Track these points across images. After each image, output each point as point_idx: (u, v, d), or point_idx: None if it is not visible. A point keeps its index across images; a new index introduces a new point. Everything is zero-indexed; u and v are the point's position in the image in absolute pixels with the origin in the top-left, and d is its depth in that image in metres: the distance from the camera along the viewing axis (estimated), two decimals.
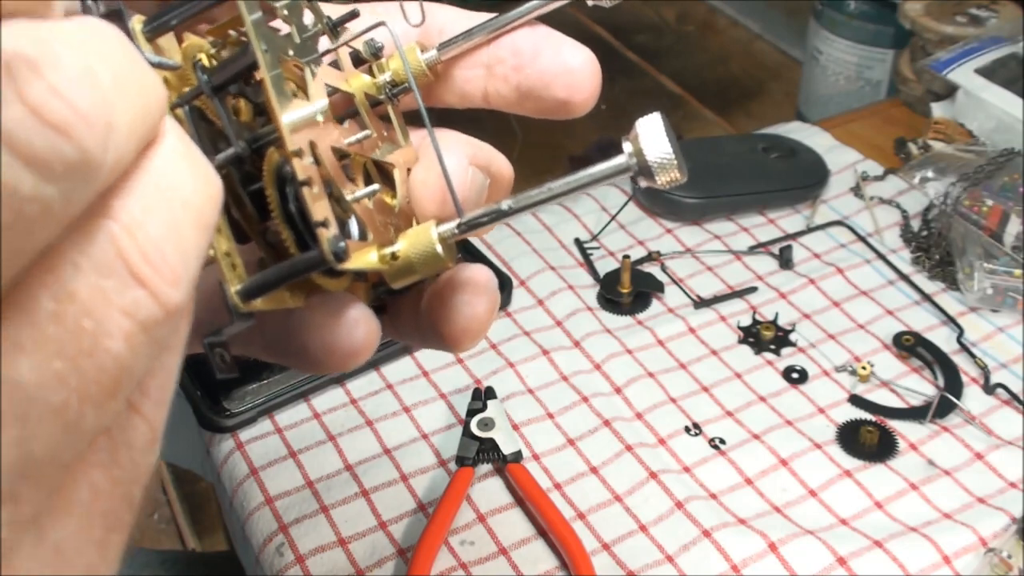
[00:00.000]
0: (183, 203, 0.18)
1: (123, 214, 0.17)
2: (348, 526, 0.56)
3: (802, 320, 0.68)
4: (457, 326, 0.27)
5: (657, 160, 0.24)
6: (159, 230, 0.17)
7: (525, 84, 0.27)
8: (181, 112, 0.24)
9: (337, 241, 0.22)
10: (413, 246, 0.25)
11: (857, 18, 0.92)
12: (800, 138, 0.82)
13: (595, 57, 0.27)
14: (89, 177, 0.16)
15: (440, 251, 0.25)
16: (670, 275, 0.72)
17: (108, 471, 0.18)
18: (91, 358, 0.16)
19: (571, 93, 0.27)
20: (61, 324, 0.16)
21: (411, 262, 0.25)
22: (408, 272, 0.25)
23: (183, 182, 0.18)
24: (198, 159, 0.19)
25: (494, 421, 0.60)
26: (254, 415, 0.62)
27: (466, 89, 0.29)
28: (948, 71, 0.81)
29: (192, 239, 0.18)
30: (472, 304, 0.27)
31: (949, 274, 0.70)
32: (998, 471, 0.58)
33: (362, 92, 0.28)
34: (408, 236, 0.25)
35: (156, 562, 0.77)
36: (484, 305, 0.27)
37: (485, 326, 0.27)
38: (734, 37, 1.39)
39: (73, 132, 0.15)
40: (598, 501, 0.57)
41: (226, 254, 0.23)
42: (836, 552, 0.53)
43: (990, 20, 0.86)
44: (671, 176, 0.24)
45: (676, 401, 0.63)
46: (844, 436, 0.61)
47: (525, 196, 0.25)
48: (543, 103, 0.28)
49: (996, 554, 0.53)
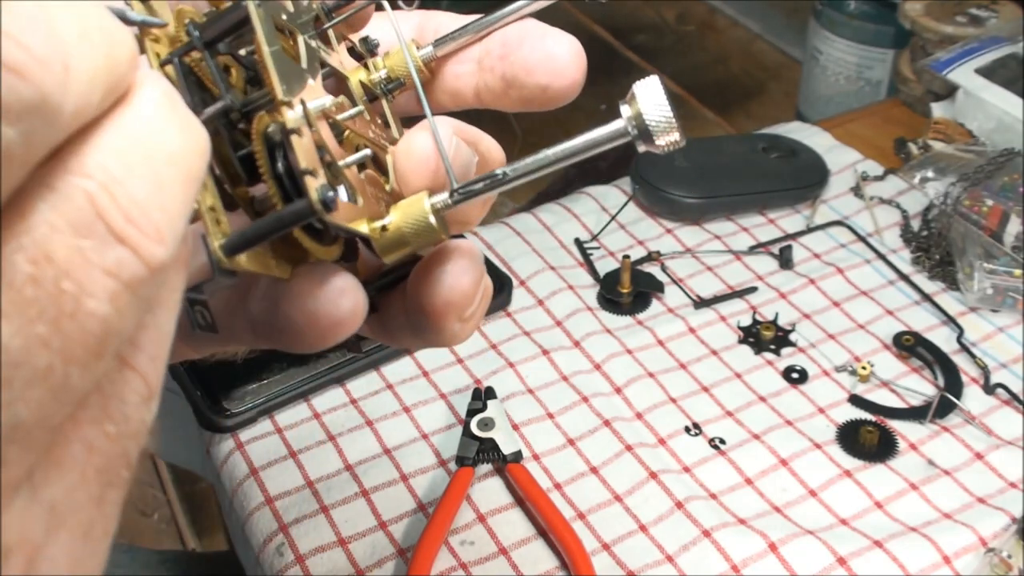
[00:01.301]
0: (167, 156, 0.18)
1: (99, 171, 0.17)
2: (348, 526, 0.56)
3: (802, 320, 0.68)
4: (440, 299, 0.26)
5: (656, 122, 0.23)
6: (140, 186, 0.17)
7: (510, 72, 0.27)
8: (171, 69, 0.24)
9: (325, 190, 0.22)
10: (405, 217, 0.25)
11: (857, 18, 0.92)
12: (800, 138, 0.82)
13: (580, 45, 0.27)
14: (49, 118, 0.16)
15: (433, 222, 0.24)
16: (670, 275, 0.72)
17: (101, 427, 0.18)
18: (74, 320, 0.16)
19: (553, 79, 0.27)
20: (40, 287, 0.16)
21: (403, 233, 0.25)
22: (400, 244, 0.25)
23: (166, 134, 0.18)
24: (182, 111, 0.19)
25: (494, 421, 0.60)
26: (254, 415, 0.62)
27: (458, 87, 0.29)
28: (948, 71, 0.81)
29: (177, 193, 0.18)
30: (453, 273, 0.26)
31: (949, 274, 0.70)
32: (998, 471, 0.58)
33: (356, 78, 0.28)
34: (400, 208, 0.25)
35: (156, 562, 0.77)
36: (467, 274, 0.26)
37: (469, 298, 0.26)
38: (734, 37, 1.39)
39: (27, 72, 0.15)
40: (598, 501, 0.57)
41: (211, 208, 0.23)
42: (836, 552, 0.53)
43: (990, 20, 0.86)
44: (671, 139, 0.24)
45: (676, 401, 0.63)
46: (844, 436, 0.61)
47: (522, 163, 0.24)
48: (527, 91, 0.28)
49: (996, 554, 0.53)
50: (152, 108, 0.18)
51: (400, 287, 0.27)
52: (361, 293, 0.24)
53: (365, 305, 0.24)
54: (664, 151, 0.24)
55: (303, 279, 0.24)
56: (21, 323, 0.16)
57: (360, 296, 0.24)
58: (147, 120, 0.18)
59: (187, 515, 1.39)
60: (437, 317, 0.26)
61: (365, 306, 0.24)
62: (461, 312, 0.26)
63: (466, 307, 0.26)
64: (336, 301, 0.24)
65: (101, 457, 0.18)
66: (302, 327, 0.24)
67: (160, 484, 1.47)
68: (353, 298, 0.24)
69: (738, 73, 1.28)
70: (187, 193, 0.18)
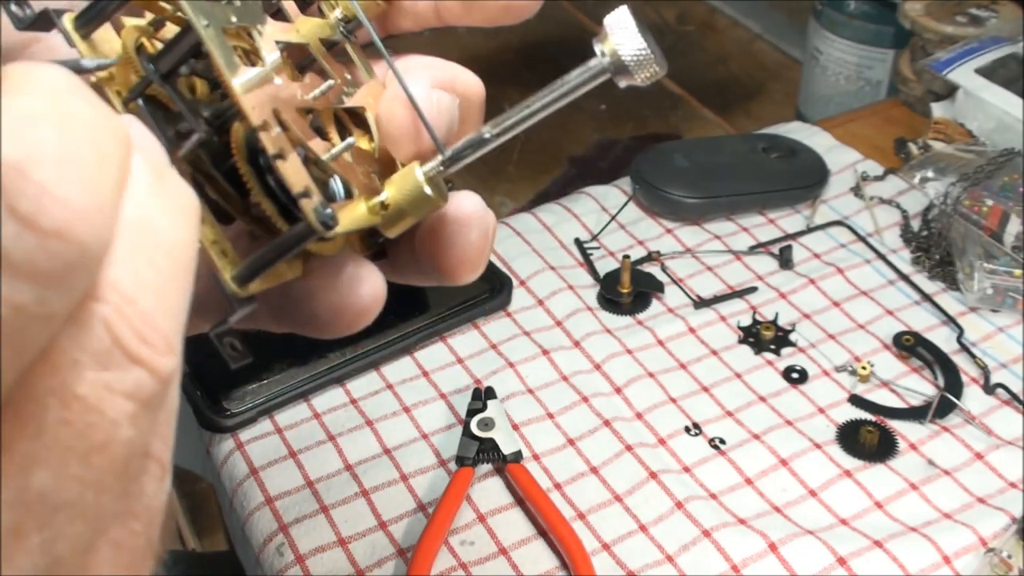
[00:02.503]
0: (165, 251, 0.17)
1: (111, 292, 0.16)
2: (348, 526, 0.56)
3: (802, 320, 0.68)
4: (453, 259, 0.27)
5: (632, 56, 0.23)
6: (147, 299, 0.16)
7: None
8: (135, 106, 0.23)
9: (323, 209, 0.22)
10: (401, 191, 0.25)
11: (857, 18, 0.92)
12: (800, 138, 0.82)
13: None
14: (90, 268, 0.15)
15: (429, 192, 0.24)
16: (670, 275, 0.72)
17: (127, 526, 0.18)
18: (103, 452, 0.16)
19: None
20: (71, 427, 0.15)
21: (401, 208, 0.25)
22: (400, 218, 0.25)
23: (161, 222, 0.17)
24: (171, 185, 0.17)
25: (494, 421, 0.60)
26: (254, 415, 0.62)
27: (417, 10, 0.28)
28: (948, 71, 0.81)
29: (178, 290, 0.17)
30: (463, 234, 0.26)
31: (949, 274, 0.70)
32: (998, 471, 0.58)
33: (315, 38, 0.27)
34: (394, 182, 0.25)
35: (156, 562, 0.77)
36: (476, 233, 0.27)
37: (482, 254, 0.27)
38: (734, 37, 1.38)
39: (72, 232, 0.14)
40: (598, 501, 0.57)
41: (214, 242, 0.22)
42: (836, 552, 0.53)
43: (990, 20, 0.86)
44: (650, 71, 0.23)
45: (676, 401, 0.63)
46: (844, 436, 0.61)
47: (503, 118, 0.24)
48: (488, 11, 0.27)
49: (996, 554, 0.53)
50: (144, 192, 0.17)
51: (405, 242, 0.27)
52: (378, 276, 0.24)
53: (383, 285, 0.25)
54: (645, 83, 0.23)
55: (319, 276, 0.24)
56: (56, 466, 0.15)
57: (377, 279, 0.24)
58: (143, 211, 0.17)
59: (187, 515, 1.39)
60: (451, 273, 0.27)
61: (383, 286, 0.25)
62: (475, 267, 0.27)
63: (480, 262, 0.27)
64: (357, 291, 0.24)
65: (128, 554, 0.18)
66: (329, 320, 0.24)
67: None
68: (371, 283, 0.24)
69: (738, 73, 1.28)
70: (185, 285, 0.17)
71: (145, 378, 0.16)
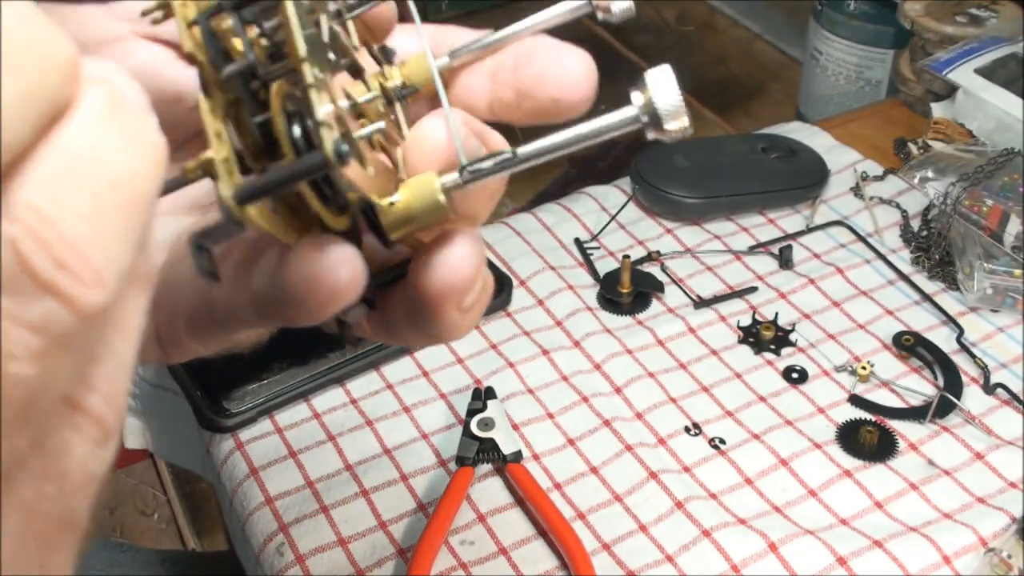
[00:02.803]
0: (109, 181, 0.16)
1: (25, 211, 0.15)
2: (348, 526, 0.56)
3: (802, 320, 0.68)
4: (439, 283, 0.25)
5: (667, 110, 0.24)
6: (76, 225, 0.15)
7: (523, 85, 0.27)
8: (197, 31, 0.23)
9: (340, 143, 0.21)
10: (414, 193, 0.25)
11: (857, 18, 0.92)
12: (800, 138, 0.82)
13: (591, 60, 0.27)
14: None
15: (442, 199, 0.25)
16: (670, 275, 0.72)
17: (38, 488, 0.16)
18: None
19: (564, 92, 0.27)
20: None
21: (411, 209, 0.25)
22: (407, 220, 0.25)
23: (108, 153, 0.16)
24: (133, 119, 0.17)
25: (494, 421, 0.60)
26: (254, 415, 0.62)
27: (471, 99, 0.29)
28: (948, 71, 0.81)
29: (121, 222, 0.16)
30: (453, 257, 0.25)
31: (949, 274, 0.70)
32: (998, 471, 0.58)
33: (376, 80, 0.28)
34: (409, 185, 0.25)
35: (156, 562, 0.77)
36: (468, 260, 0.25)
37: (468, 283, 0.26)
38: (734, 37, 1.38)
39: None
40: (598, 501, 0.57)
41: (225, 160, 0.22)
42: (836, 552, 0.53)
43: (990, 20, 0.86)
44: (681, 124, 0.24)
45: (676, 401, 0.63)
46: (844, 436, 0.61)
47: (532, 146, 0.24)
48: (538, 103, 0.27)
49: (996, 554, 0.53)
50: (92, 122, 0.16)
51: (400, 284, 0.27)
52: (360, 263, 0.24)
53: (363, 273, 0.24)
54: (672, 138, 0.24)
55: (305, 246, 0.24)
56: None
57: (359, 266, 0.24)
58: (85, 139, 0.16)
59: (187, 515, 1.39)
60: (436, 303, 0.26)
61: (363, 273, 0.24)
62: (460, 299, 0.26)
63: (465, 293, 0.26)
64: (335, 268, 0.23)
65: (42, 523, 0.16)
66: (302, 294, 0.24)
67: (160, 484, 1.47)
68: (352, 266, 0.24)
69: (738, 73, 1.28)
70: (135, 223, 0.16)
71: (58, 311, 0.15)
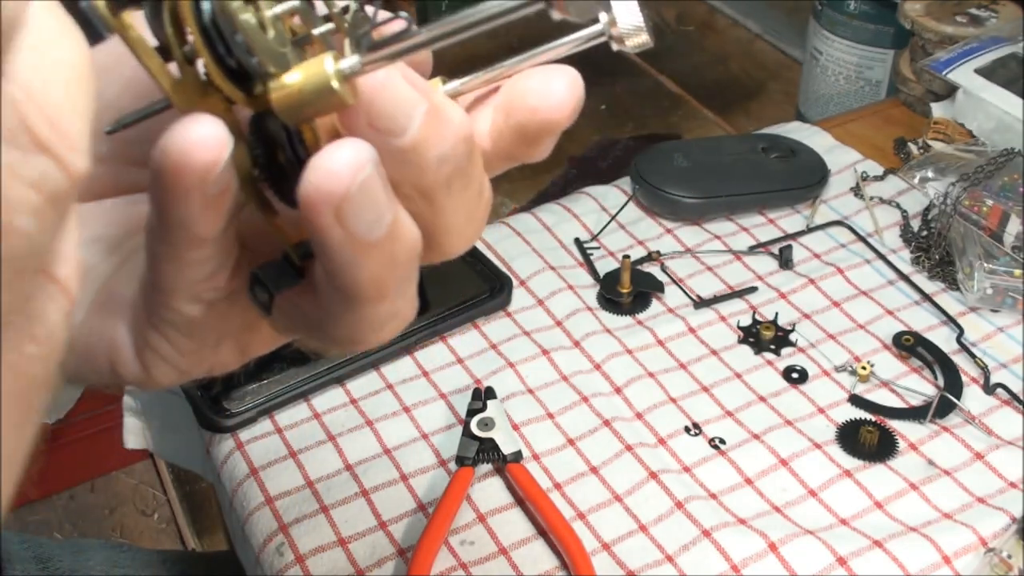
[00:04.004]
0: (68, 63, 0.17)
1: (20, 76, 0.16)
2: (348, 526, 0.56)
3: (802, 320, 0.68)
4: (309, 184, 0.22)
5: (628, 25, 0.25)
6: (57, 94, 0.16)
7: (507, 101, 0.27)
8: None
9: None
10: (308, 72, 0.23)
11: (857, 18, 0.92)
12: (800, 138, 0.82)
13: (578, 77, 0.27)
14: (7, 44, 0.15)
15: (335, 84, 0.23)
16: (670, 275, 0.72)
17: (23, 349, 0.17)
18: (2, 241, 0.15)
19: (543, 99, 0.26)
20: None
21: (304, 89, 0.23)
22: (300, 103, 0.23)
23: (61, 40, 0.17)
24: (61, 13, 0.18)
25: (494, 421, 0.60)
26: (254, 415, 0.62)
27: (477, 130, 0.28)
28: (948, 71, 0.81)
29: (83, 100, 0.17)
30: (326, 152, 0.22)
31: (949, 274, 0.70)
32: (998, 471, 0.58)
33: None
34: (303, 66, 0.24)
35: (156, 562, 0.77)
36: (345, 153, 0.22)
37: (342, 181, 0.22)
38: (734, 37, 1.38)
39: None
40: (598, 501, 0.57)
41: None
42: (836, 552, 0.53)
43: (990, 20, 0.86)
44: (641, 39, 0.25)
45: (676, 401, 0.63)
46: (844, 436, 0.61)
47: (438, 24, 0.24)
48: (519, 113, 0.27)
49: (996, 554, 0.53)
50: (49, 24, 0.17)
51: None
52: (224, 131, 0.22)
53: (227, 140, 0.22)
54: (634, 50, 0.25)
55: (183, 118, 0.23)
56: None
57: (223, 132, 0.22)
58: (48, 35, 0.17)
59: (187, 515, 1.40)
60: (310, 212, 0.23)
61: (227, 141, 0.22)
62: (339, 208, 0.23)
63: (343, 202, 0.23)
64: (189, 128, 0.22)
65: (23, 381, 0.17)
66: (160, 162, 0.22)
67: (160, 484, 1.47)
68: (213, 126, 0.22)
69: (738, 73, 1.28)
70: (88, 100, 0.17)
71: (53, 170, 0.16)
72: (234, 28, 0.23)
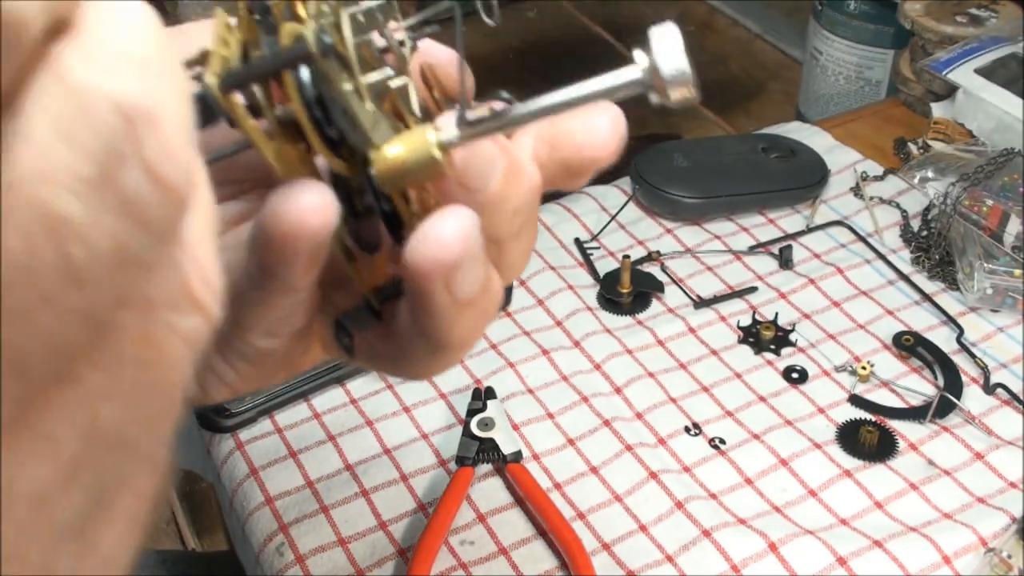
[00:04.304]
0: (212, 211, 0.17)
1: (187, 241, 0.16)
2: (348, 526, 0.56)
3: (802, 320, 0.68)
4: (421, 254, 0.23)
5: (672, 75, 0.22)
6: (208, 247, 0.17)
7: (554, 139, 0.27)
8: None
9: (323, 33, 0.21)
10: (408, 143, 0.24)
11: (857, 18, 0.92)
12: (800, 138, 0.82)
13: (621, 116, 0.27)
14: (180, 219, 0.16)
15: (436, 153, 0.23)
16: (670, 275, 0.72)
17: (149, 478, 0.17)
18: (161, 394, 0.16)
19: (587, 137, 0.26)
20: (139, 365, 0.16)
21: (405, 160, 0.24)
22: (401, 173, 0.24)
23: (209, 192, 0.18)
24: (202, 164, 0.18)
25: (494, 421, 0.60)
26: (254, 415, 0.62)
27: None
28: (948, 71, 0.81)
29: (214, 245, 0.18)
30: (438, 223, 0.23)
31: (949, 274, 0.70)
32: (998, 471, 0.58)
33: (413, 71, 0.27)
34: (404, 136, 0.24)
35: (156, 562, 0.77)
36: (454, 224, 0.23)
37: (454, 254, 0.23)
38: (734, 37, 1.39)
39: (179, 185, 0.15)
40: (598, 501, 0.57)
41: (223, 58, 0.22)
42: (836, 552, 0.54)
43: (990, 20, 0.86)
44: (686, 93, 0.23)
45: (676, 401, 0.63)
46: (844, 436, 0.61)
47: (532, 102, 0.23)
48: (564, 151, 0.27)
49: (996, 554, 0.53)
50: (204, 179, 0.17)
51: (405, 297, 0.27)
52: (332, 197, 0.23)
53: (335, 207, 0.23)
54: (677, 104, 0.23)
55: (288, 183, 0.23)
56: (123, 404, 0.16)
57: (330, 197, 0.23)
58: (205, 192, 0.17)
59: (187, 515, 1.39)
60: (421, 280, 0.24)
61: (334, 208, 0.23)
62: (449, 279, 0.24)
63: (454, 272, 0.24)
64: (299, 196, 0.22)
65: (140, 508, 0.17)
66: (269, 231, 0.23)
67: None
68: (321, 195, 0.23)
69: (738, 73, 1.28)
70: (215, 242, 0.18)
71: (201, 325, 0.17)
72: (337, 102, 0.23)
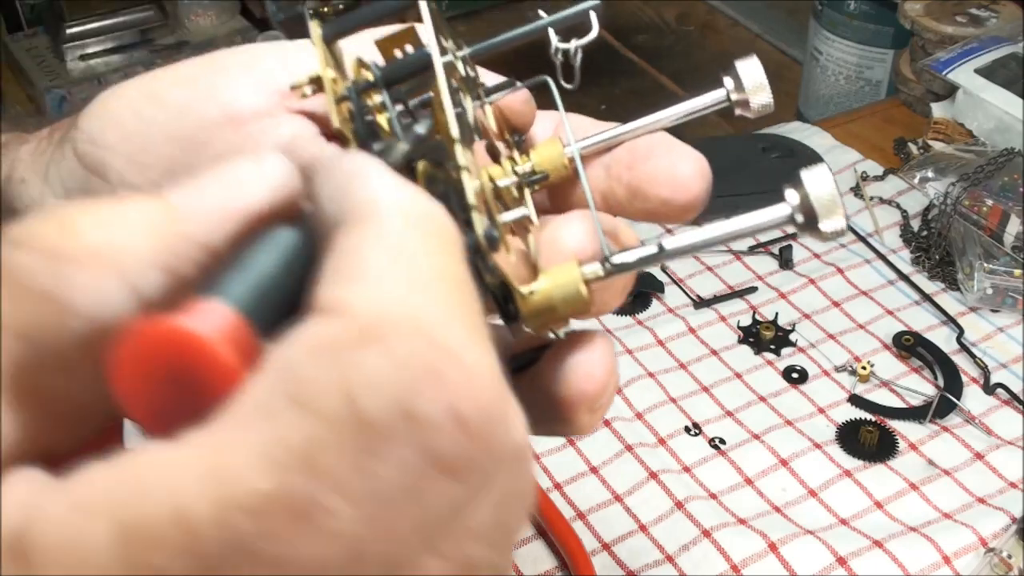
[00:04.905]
0: None
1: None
2: None
3: (802, 320, 0.68)
4: (572, 387, 0.25)
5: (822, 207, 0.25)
6: None
7: (635, 182, 0.27)
8: (346, 106, 0.24)
9: (490, 228, 0.22)
10: (556, 281, 0.24)
11: (857, 18, 0.92)
12: (800, 138, 0.82)
13: (705, 162, 0.27)
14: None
15: (584, 291, 0.24)
16: (670, 275, 0.72)
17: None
18: None
19: (674, 193, 0.27)
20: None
21: (551, 299, 0.24)
22: (547, 310, 0.24)
23: None
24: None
25: None
26: None
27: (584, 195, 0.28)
28: (948, 71, 0.81)
29: None
30: (588, 362, 0.25)
31: (949, 274, 0.70)
32: (998, 471, 0.58)
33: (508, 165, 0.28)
34: (549, 274, 0.24)
35: None
36: (602, 365, 0.25)
37: (602, 388, 0.25)
38: (734, 37, 1.39)
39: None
40: (598, 501, 0.57)
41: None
42: (836, 552, 0.53)
43: (990, 20, 0.86)
44: (838, 225, 0.24)
45: (676, 401, 0.63)
46: (844, 436, 0.61)
47: (679, 240, 0.24)
48: (649, 203, 0.27)
49: (996, 554, 0.53)
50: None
51: (528, 372, 0.26)
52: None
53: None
54: (827, 240, 0.24)
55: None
56: None
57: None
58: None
59: None
60: (568, 407, 0.25)
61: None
62: (592, 403, 0.26)
63: (598, 399, 0.25)
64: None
65: None
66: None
67: None
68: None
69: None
70: None
71: None
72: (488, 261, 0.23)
